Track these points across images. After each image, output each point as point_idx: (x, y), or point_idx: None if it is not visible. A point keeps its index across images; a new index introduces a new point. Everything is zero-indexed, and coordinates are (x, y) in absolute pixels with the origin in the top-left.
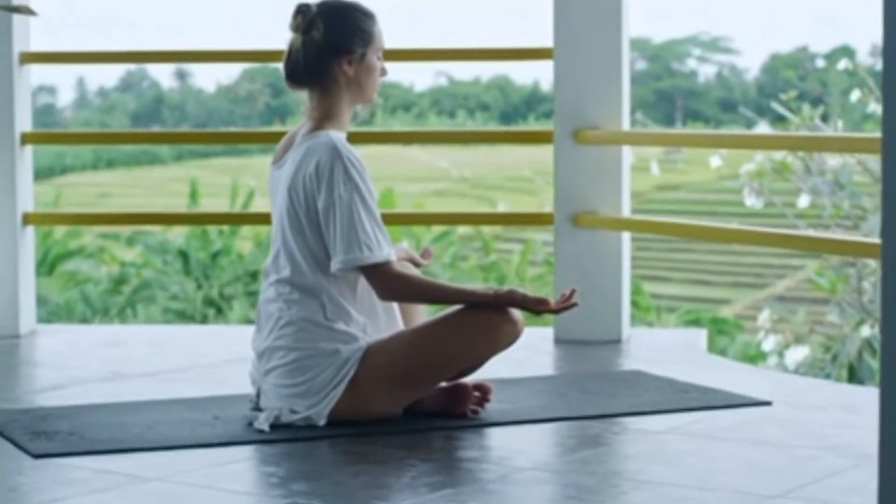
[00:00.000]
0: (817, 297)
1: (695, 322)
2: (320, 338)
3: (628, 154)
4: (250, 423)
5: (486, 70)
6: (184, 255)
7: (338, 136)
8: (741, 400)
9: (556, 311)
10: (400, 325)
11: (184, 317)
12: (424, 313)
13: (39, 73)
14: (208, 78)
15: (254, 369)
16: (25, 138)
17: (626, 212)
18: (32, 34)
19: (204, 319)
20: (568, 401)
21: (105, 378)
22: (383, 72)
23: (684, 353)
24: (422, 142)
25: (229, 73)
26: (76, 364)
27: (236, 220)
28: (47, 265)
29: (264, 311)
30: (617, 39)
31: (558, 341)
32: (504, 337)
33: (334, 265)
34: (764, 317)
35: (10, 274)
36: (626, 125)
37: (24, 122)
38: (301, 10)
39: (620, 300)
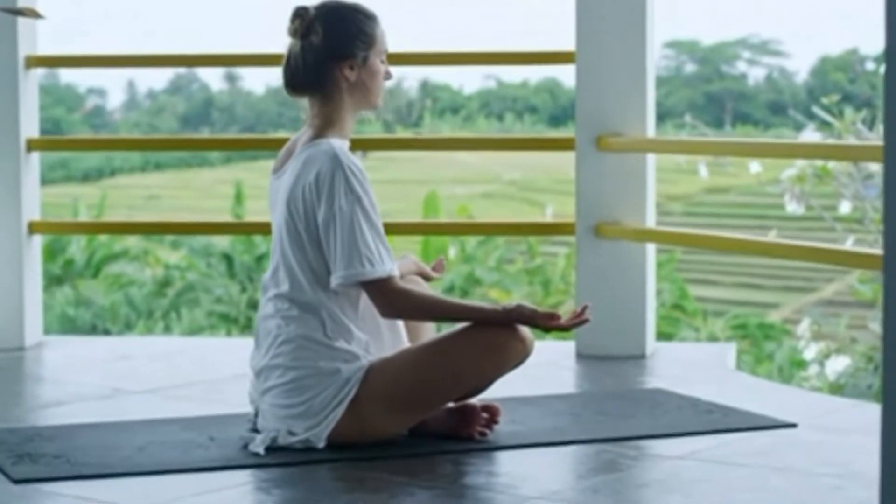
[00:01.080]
0: (865, 300)
1: (741, 327)
2: (320, 356)
3: (653, 162)
4: (246, 446)
5: (536, 73)
6: (228, 259)
7: (339, 144)
8: (765, 422)
9: (566, 328)
10: (405, 343)
11: (227, 320)
12: (431, 331)
13: (89, 76)
14: (257, 80)
15: (252, 388)
16: (31, 145)
17: (650, 222)
18: (75, 38)
19: (248, 323)
20: (583, 422)
21: (104, 395)
22: (388, 75)
23: (711, 369)
24: (438, 149)
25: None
26: (77, 379)
27: (245, 229)
28: (92, 268)
29: (263, 328)
30: (641, 42)
31: (580, 357)
32: (512, 356)
33: (334, 280)
34: (804, 326)
35: (15, 285)
36: (650, 132)
37: (30, 128)
38: (299, 14)
39: (644, 314)
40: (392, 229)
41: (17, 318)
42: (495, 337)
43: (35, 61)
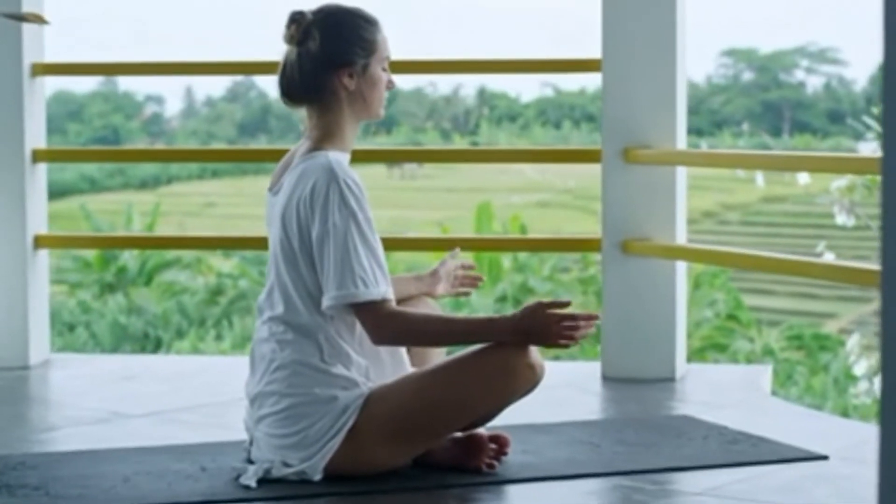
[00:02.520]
0: None
1: (796, 338)
2: (316, 383)
3: (683, 176)
4: (238, 477)
5: (594, 81)
6: None
7: (336, 157)
8: (795, 454)
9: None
10: (407, 369)
11: None
12: (440, 354)
13: (147, 84)
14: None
15: (247, 416)
16: (37, 156)
17: (680, 239)
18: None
19: None
20: (600, 453)
21: (102, 419)
22: (390, 84)
23: (744, 393)
24: (461, 161)
25: None
26: (76, 402)
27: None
28: (145, 275)
29: (257, 352)
30: (671, 49)
31: (605, 379)
32: (522, 383)
33: (325, 302)
34: (854, 340)
35: (19, 301)
36: (681, 144)
37: (36, 138)
38: (295, 19)
39: (675, 334)
40: (413, 245)
41: (21, 336)
42: (503, 363)
43: (41, 69)
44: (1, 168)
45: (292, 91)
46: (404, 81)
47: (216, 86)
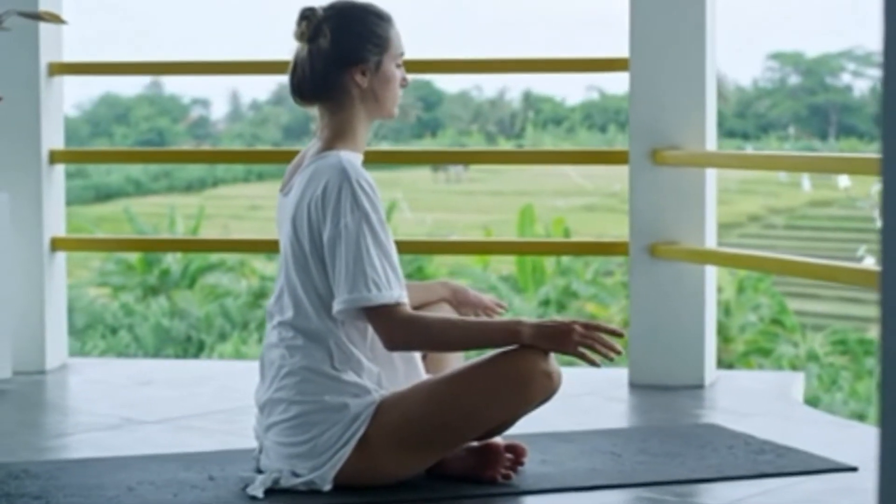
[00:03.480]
0: None
1: (841, 342)
2: (326, 390)
3: (713, 178)
4: (246, 487)
5: None
6: None
7: (349, 157)
8: (822, 465)
9: (590, 359)
10: (421, 376)
11: None
12: (458, 359)
13: (194, 87)
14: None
15: (257, 424)
16: (55, 157)
17: (710, 242)
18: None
19: None
20: (622, 463)
21: (113, 425)
22: (404, 81)
23: (774, 401)
24: (492, 163)
25: None
26: (89, 407)
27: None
28: (188, 278)
29: (267, 358)
30: (700, 47)
31: (633, 386)
32: (537, 392)
33: (336, 306)
34: None
35: (35, 304)
36: (710, 145)
37: (54, 138)
38: (305, 16)
39: (703, 340)
40: (437, 248)
41: (38, 340)
42: (518, 371)
43: (59, 68)
44: (17, 169)
45: (304, 90)
46: (450, 84)
47: (262, 89)
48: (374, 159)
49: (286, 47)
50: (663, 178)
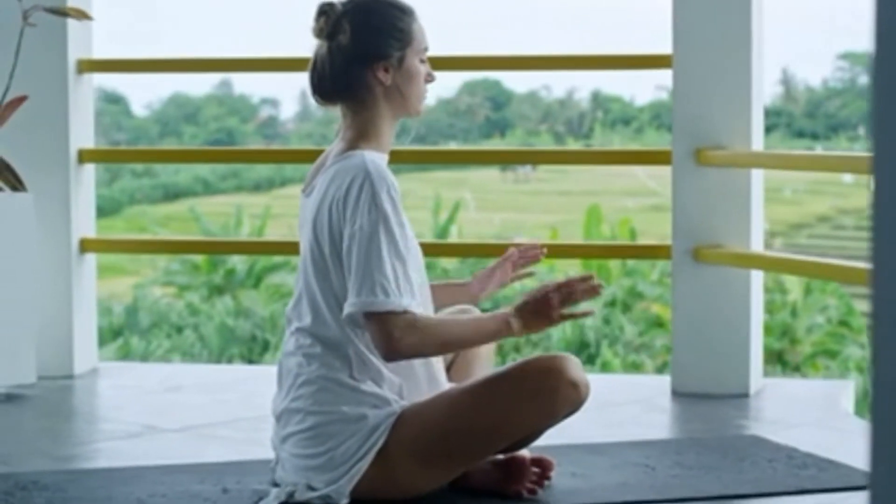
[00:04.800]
0: None
1: None
2: (344, 400)
3: (760, 179)
4: (259, 501)
5: None
6: None
7: (372, 157)
8: (866, 480)
9: (575, 315)
10: (442, 386)
11: None
12: (483, 368)
13: (263, 87)
14: (430, 92)
15: (274, 434)
16: (84, 156)
17: (756, 246)
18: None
19: None
20: (655, 477)
21: (134, 433)
22: (430, 77)
23: (822, 411)
24: (534, 163)
25: (449, 86)
26: (112, 414)
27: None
28: (253, 277)
29: (284, 366)
30: (746, 43)
31: (675, 395)
32: (563, 403)
33: (346, 309)
34: None
35: (63, 307)
36: (757, 145)
37: (83, 137)
38: (324, 11)
39: (749, 347)
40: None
41: (66, 344)
42: (543, 381)
43: (88, 65)
44: (45, 169)
45: (324, 88)
46: (518, 84)
47: None
48: (440, 159)
49: None
50: (707, 179)
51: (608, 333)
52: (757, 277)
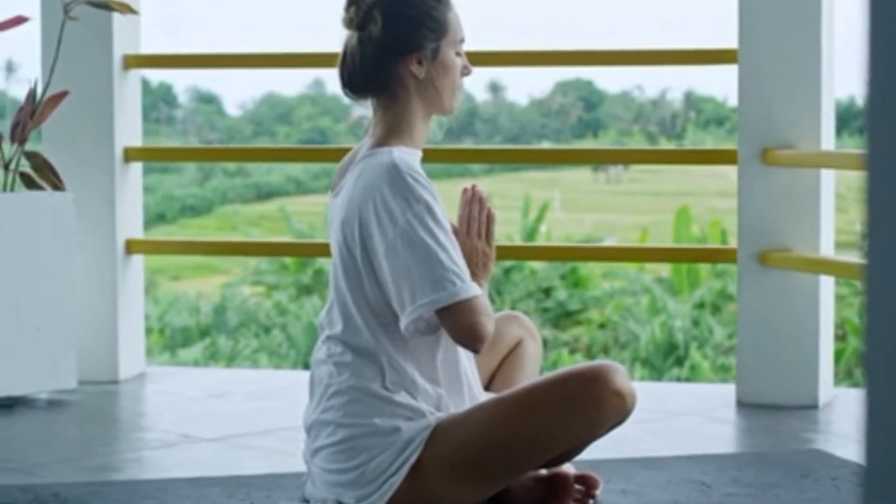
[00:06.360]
0: None
1: None
2: (376, 412)
3: (830, 179)
4: None
5: None
6: None
7: (402, 154)
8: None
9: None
10: (479, 398)
11: None
12: (525, 377)
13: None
14: (520, 91)
15: (305, 448)
16: (129, 154)
17: (826, 250)
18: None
19: None
20: (709, 495)
21: (168, 443)
22: (466, 70)
23: None
24: (598, 163)
25: (542, 86)
26: (149, 423)
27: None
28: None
29: (316, 375)
30: (816, 37)
31: (741, 405)
32: (608, 414)
33: (412, 313)
34: None
35: (109, 310)
36: (827, 144)
37: (129, 135)
38: (354, 1)
39: (818, 356)
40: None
41: (111, 348)
42: (586, 391)
43: (134, 61)
44: (90, 167)
45: (354, 82)
46: (611, 84)
47: None
48: (531, 159)
49: None
50: (775, 180)
51: (697, 335)
52: (827, 283)
